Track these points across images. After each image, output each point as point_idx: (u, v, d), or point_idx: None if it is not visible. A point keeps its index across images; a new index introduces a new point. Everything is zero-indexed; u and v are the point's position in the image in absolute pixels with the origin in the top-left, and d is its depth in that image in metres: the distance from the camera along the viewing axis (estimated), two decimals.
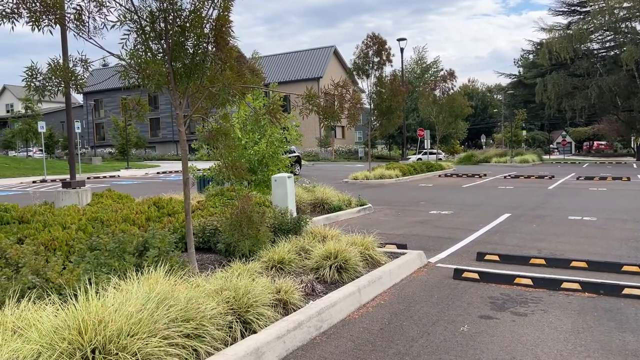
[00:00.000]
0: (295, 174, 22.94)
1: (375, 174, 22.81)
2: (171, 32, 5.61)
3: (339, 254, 5.89)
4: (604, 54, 51.45)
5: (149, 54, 5.71)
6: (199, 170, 13.30)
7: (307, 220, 7.55)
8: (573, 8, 53.73)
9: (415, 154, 53.47)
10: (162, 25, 5.63)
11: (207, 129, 6.06)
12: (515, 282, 5.93)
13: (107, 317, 3.13)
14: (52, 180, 25.65)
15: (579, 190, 17.53)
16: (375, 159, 54.77)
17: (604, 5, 45.36)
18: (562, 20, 54.39)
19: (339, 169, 33.91)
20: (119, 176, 29.13)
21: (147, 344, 3.13)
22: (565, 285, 5.70)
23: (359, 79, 21.91)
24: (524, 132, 56.25)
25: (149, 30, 5.63)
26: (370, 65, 21.38)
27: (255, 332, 4.07)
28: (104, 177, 28.56)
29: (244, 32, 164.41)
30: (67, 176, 28.88)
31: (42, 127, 26.69)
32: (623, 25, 47.49)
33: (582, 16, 51.24)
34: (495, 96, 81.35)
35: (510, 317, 4.86)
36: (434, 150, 61.59)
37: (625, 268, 6.40)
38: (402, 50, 28.20)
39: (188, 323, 3.57)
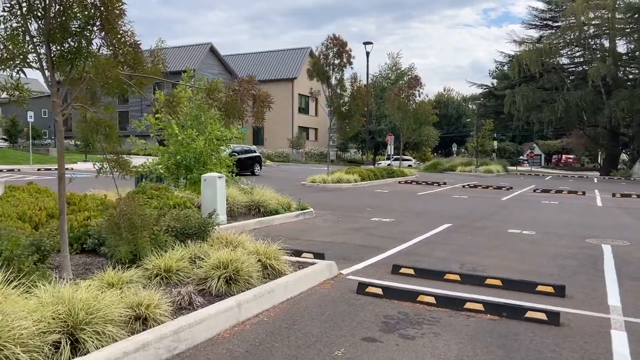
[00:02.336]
0: (254, 174, 21.91)
1: (333, 178, 22.42)
2: (50, 11, 5.07)
3: (230, 263, 5.40)
4: (572, 69, 52.09)
5: (26, 36, 5.16)
6: (133, 166, 12.66)
7: (214, 224, 7.04)
8: (545, 22, 54.33)
9: (386, 159, 53.31)
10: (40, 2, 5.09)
11: (86, 121, 5.50)
12: (418, 299, 5.53)
13: None
14: (8, 170, 24.62)
15: (531, 203, 17.40)
16: (346, 163, 54.44)
17: (574, 21, 45.89)
18: (535, 33, 54.91)
19: (303, 170, 33.38)
20: (72, 169, 28.05)
21: None
22: (468, 305, 5.32)
23: (318, 81, 21.47)
24: (495, 143, 56.62)
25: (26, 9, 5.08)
26: (330, 67, 20.97)
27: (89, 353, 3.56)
28: (57, 169, 27.52)
29: (227, 30, 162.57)
30: (18, 166, 27.72)
31: None
32: (592, 42, 48.15)
33: (553, 31, 51.83)
34: (470, 106, 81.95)
35: (396, 340, 4.44)
36: (405, 157, 61.66)
37: (539, 288, 6.06)
38: (367, 54, 27.88)
39: None
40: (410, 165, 53.76)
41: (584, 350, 4.32)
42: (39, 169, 26.31)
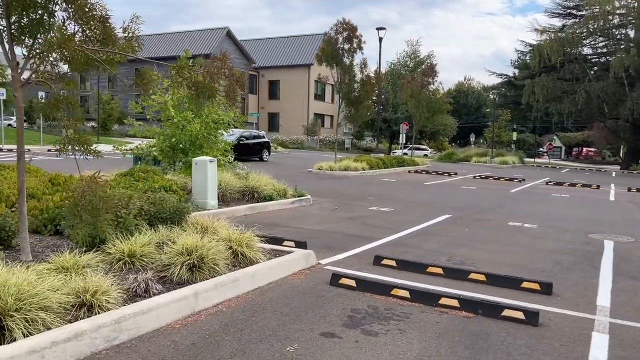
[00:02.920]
0: (262, 160, 21.45)
1: (340, 166, 22.08)
2: None
3: (195, 250, 5.17)
4: (595, 59, 50.66)
5: None
6: (127, 148, 12.56)
7: (189, 209, 6.81)
8: (569, 11, 52.78)
9: (400, 148, 52.65)
10: None
11: (47, 98, 5.25)
12: (392, 293, 5.24)
13: None
14: (9, 150, 24.81)
15: (541, 196, 16.89)
16: (362, 151, 53.87)
17: (598, 10, 44.47)
18: (557, 22, 53.48)
19: (314, 157, 33.05)
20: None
21: None
22: (443, 301, 5.01)
23: (327, 67, 21.07)
24: (514, 134, 55.41)
25: None
26: (340, 52, 20.53)
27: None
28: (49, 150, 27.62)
29: (247, 14, 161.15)
30: (29, 146, 27.85)
31: (2, 93, 25.74)
32: (616, 32, 46.70)
33: (577, 20, 50.37)
34: (491, 96, 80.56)
35: (356, 336, 4.17)
36: (422, 146, 60.85)
37: (525, 284, 5.72)
38: (380, 39, 27.31)
39: None
40: (426, 155, 53.07)
41: (558, 354, 4.00)
42: (49, 150, 26.37)
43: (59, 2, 5.13)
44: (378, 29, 27.02)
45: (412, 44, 66.33)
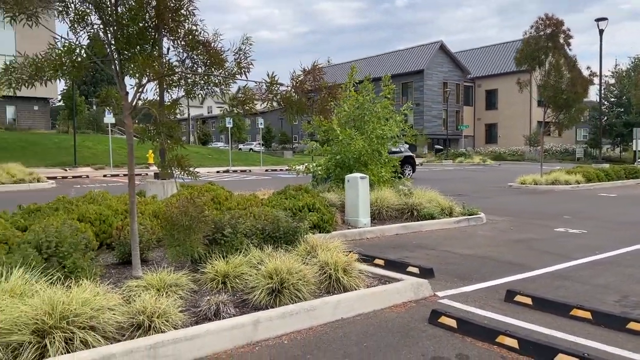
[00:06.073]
0: (401, 177, 19.97)
1: (548, 179, 19.58)
2: (119, 17, 5.30)
3: (275, 273, 4.90)
4: None
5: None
6: (299, 166, 13.10)
7: (303, 228, 6.54)
8: None
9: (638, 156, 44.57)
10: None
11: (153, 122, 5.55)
12: (497, 340, 4.18)
13: None
14: (234, 171, 28.21)
15: None
16: (598, 161, 47.30)
17: None
18: None
19: (525, 170, 29.87)
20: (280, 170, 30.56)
21: None
22: (561, 357, 3.78)
23: (529, 69, 18.93)
24: None
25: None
26: (543, 51, 18.26)
27: None
28: (280, 169, 30.28)
29: (475, 25, 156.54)
30: (252, 167, 31.32)
31: (229, 122, 29.49)
32: None
33: None
34: None
35: None
36: None
37: None
38: (601, 32, 23.44)
39: None
40: None
41: None
42: (266, 170, 29.32)
43: (163, 31, 5.46)
44: (597, 20, 23.34)
45: None
